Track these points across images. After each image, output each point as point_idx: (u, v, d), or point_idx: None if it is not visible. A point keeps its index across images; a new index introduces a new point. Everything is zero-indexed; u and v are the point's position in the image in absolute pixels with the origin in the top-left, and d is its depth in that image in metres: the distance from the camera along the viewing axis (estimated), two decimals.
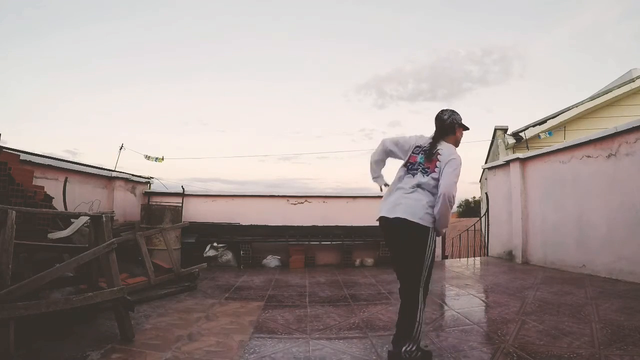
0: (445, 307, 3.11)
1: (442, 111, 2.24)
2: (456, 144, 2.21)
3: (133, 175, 5.89)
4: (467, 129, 2.25)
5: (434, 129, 2.22)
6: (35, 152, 4.09)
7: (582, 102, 7.40)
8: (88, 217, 2.56)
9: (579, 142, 4.61)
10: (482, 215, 8.16)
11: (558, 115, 7.42)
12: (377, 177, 2.36)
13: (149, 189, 6.26)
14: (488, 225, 6.66)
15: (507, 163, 5.82)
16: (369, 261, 5.65)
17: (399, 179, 2.17)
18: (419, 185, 2.06)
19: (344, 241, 5.55)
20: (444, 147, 2.11)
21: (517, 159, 5.60)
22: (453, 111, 2.23)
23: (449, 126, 2.19)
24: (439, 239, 2.33)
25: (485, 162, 9.74)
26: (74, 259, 2.16)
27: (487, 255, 6.61)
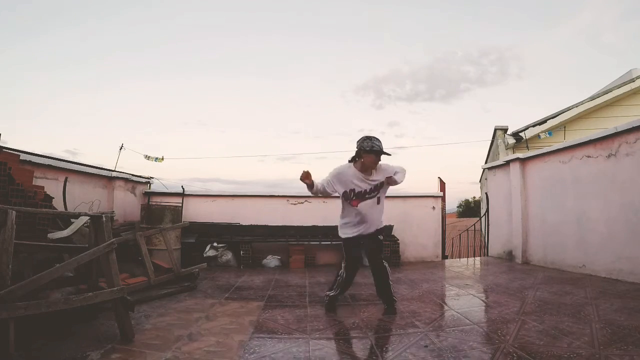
0: (445, 307, 3.11)
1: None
2: (363, 166, 2.77)
3: (133, 175, 5.88)
4: (371, 152, 2.71)
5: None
6: (35, 152, 4.09)
7: (582, 102, 7.40)
8: (88, 217, 2.56)
9: (579, 142, 4.61)
10: (482, 215, 8.16)
11: (558, 115, 7.42)
12: None
13: (149, 189, 6.25)
14: (488, 225, 6.66)
15: (507, 163, 5.82)
16: None
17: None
18: None
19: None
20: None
21: (517, 159, 5.60)
22: (361, 138, 2.77)
23: (357, 153, 2.80)
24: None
25: (485, 162, 9.73)
26: (74, 259, 2.16)
27: (487, 255, 6.61)
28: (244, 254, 5.42)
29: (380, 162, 2.81)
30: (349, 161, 2.87)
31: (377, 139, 2.76)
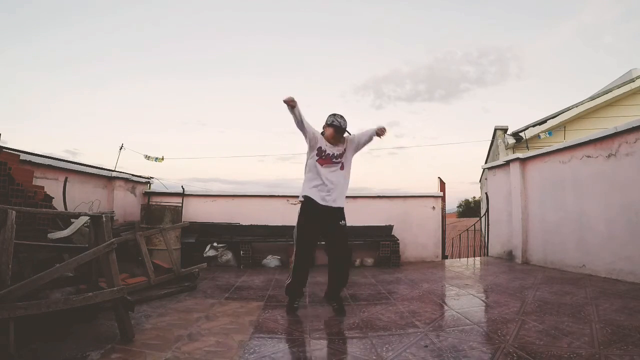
0: (445, 307, 3.11)
1: None
2: (327, 138, 2.99)
3: (133, 175, 5.88)
4: (331, 126, 2.95)
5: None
6: (35, 152, 4.09)
7: (582, 102, 7.40)
8: (88, 217, 2.56)
9: (579, 142, 4.61)
10: (482, 215, 8.17)
11: (558, 115, 7.42)
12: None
13: (149, 189, 6.25)
14: (488, 225, 6.66)
15: (507, 163, 5.82)
16: (369, 261, 5.65)
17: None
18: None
19: None
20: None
21: (517, 159, 5.60)
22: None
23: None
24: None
25: (485, 162, 9.74)
26: (74, 259, 2.16)
27: (487, 255, 6.61)
28: (244, 254, 5.42)
29: (345, 137, 3.04)
30: (321, 133, 3.05)
31: (340, 116, 2.97)
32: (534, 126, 7.45)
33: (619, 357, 1.88)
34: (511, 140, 7.42)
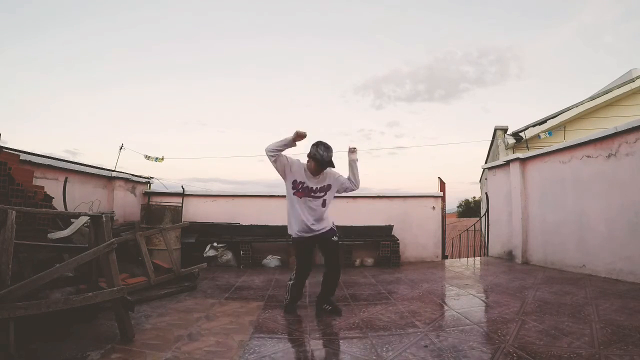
0: (445, 307, 3.11)
1: None
2: (309, 169, 2.80)
3: (133, 175, 5.88)
4: (312, 159, 2.74)
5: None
6: (35, 152, 4.09)
7: (582, 102, 7.39)
8: (88, 217, 2.56)
9: (579, 142, 4.61)
10: (482, 215, 8.16)
11: (558, 115, 7.41)
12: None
13: (149, 189, 6.26)
14: (488, 225, 6.66)
15: (507, 163, 5.82)
16: (369, 261, 5.65)
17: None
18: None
19: (344, 241, 5.54)
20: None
21: (517, 159, 5.60)
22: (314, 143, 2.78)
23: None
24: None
25: (485, 162, 9.73)
26: (74, 259, 2.16)
27: (487, 255, 6.61)
28: (244, 254, 5.42)
29: (329, 169, 2.84)
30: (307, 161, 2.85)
31: (324, 146, 2.71)
32: (534, 126, 7.44)
33: (619, 357, 1.88)
34: (511, 140, 7.42)
